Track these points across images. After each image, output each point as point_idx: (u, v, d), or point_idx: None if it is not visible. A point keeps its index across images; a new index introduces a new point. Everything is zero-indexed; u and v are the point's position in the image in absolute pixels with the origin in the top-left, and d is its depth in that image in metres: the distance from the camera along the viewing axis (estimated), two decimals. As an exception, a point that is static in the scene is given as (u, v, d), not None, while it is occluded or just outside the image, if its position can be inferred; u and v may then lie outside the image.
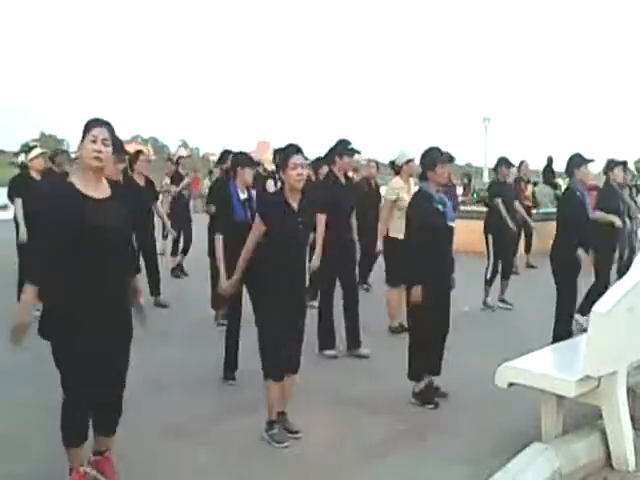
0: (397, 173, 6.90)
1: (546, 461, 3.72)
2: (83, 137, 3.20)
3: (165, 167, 14.13)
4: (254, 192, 5.60)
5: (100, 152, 3.17)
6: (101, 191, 3.25)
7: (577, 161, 6.02)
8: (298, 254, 4.15)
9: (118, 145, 5.33)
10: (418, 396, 4.85)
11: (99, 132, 3.19)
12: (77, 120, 3.29)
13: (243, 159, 5.54)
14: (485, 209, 9.15)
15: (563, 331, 5.67)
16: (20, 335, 3.11)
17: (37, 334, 3.20)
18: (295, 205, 4.12)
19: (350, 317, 6.16)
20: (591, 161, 6.09)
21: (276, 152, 9.22)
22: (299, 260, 4.17)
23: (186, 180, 10.96)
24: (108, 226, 3.14)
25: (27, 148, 7.61)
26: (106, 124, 3.25)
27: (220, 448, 4.05)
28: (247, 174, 5.41)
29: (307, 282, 4.42)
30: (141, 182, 7.67)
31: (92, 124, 3.22)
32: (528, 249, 11.79)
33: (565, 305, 5.97)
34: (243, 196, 5.40)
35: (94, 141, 3.17)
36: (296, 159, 4.07)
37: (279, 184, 4.29)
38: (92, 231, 3.09)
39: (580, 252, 5.84)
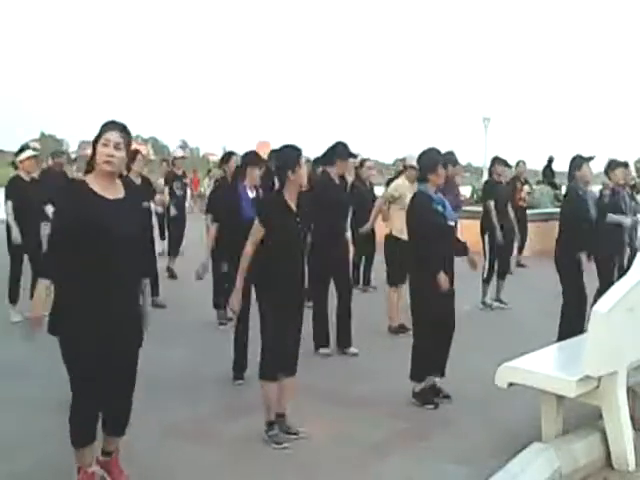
0: (400, 172, 6.96)
1: (546, 461, 3.72)
2: (95, 140, 3.17)
3: (160, 168, 14.12)
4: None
5: (112, 156, 3.14)
6: (115, 192, 3.23)
7: (578, 162, 6.03)
8: (298, 254, 4.15)
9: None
10: (418, 396, 4.85)
11: (112, 136, 3.16)
12: (77, 120, 3.35)
13: (251, 158, 5.48)
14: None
15: (567, 332, 5.65)
16: (35, 329, 3.17)
17: (46, 332, 3.21)
18: (293, 205, 4.15)
19: (343, 317, 6.18)
20: (591, 159, 6.08)
21: (274, 152, 9.18)
22: (298, 261, 4.17)
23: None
24: (119, 227, 3.13)
25: (19, 148, 7.48)
26: (120, 128, 3.21)
27: (220, 448, 4.05)
28: (255, 173, 5.37)
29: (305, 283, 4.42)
30: (137, 181, 7.68)
31: (106, 127, 3.19)
32: (520, 249, 11.72)
33: (569, 306, 5.94)
34: (252, 195, 5.38)
35: (106, 145, 3.14)
36: (303, 159, 4.17)
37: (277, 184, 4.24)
38: (103, 231, 3.08)
39: (582, 255, 5.82)
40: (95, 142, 3.19)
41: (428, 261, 4.77)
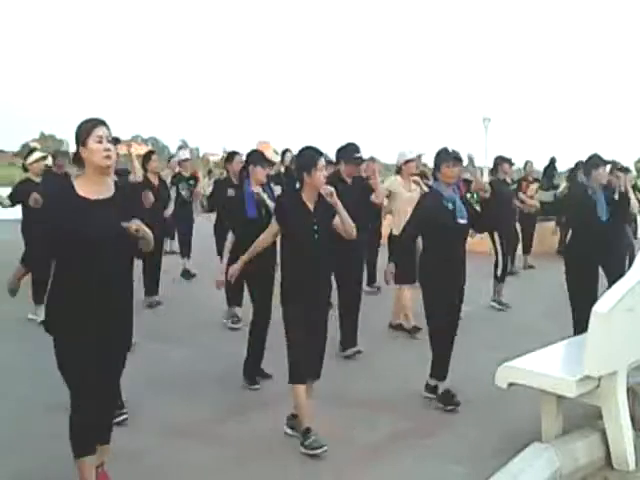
0: (398, 172, 7.02)
1: (546, 461, 3.72)
2: (83, 139, 3.09)
3: (164, 169, 14.14)
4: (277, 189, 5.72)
5: (109, 150, 3.10)
6: (104, 191, 3.17)
7: (595, 161, 5.97)
8: (316, 255, 4.11)
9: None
10: (434, 390, 4.87)
11: (102, 131, 3.11)
12: (77, 120, 3.22)
13: (256, 157, 5.43)
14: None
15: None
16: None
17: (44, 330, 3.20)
18: (311, 206, 4.15)
19: (350, 316, 6.15)
20: (609, 163, 6.08)
21: (284, 153, 9.27)
22: (317, 261, 4.13)
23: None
24: (103, 227, 3.06)
25: (28, 150, 7.52)
26: (104, 122, 3.17)
27: (221, 448, 4.05)
28: (259, 173, 5.32)
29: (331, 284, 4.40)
30: (155, 181, 7.80)
31: (91, 124, 3.12)
32: (527, 250, 11.72)
33: (578, 309, 5.83)
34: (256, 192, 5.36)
35: (100, 141, 3.09)
36: (323, 161, 4.16)
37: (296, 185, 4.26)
38: (86, 235, 3.03)
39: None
40: (82, 142, 3.10)
41: (426, 257, 4.81)
